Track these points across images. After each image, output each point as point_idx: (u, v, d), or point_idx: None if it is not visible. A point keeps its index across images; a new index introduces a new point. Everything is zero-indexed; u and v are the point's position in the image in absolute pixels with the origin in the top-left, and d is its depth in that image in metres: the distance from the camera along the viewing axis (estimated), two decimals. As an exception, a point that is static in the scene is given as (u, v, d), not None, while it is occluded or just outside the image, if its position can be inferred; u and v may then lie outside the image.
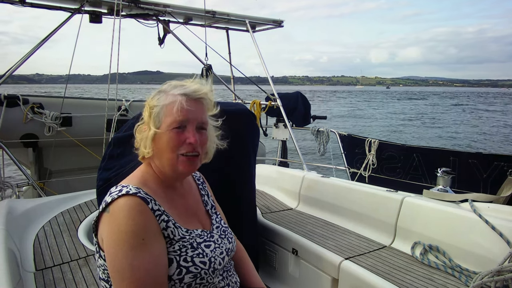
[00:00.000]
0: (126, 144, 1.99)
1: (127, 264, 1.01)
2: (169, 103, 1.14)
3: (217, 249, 1.20)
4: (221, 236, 1.28)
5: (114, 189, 1.11)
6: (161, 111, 1.14)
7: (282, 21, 5.58)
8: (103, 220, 1.08)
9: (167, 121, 1.13)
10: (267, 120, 5.96)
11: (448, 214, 1.97)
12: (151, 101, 1.19)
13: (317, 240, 2.19)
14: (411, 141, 18.10)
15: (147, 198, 1.10)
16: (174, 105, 1.13)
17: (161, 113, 1.14)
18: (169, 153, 1.14)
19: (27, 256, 2.00)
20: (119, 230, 1.03)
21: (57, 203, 2.71)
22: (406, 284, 1.69)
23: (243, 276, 1.40)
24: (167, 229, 1.10)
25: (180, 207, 1.22)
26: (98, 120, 4.40)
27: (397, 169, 5.23)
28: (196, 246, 1.15)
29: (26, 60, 3.98)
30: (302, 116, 5.58)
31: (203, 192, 1.39)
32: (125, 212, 1.04)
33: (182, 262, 1.09)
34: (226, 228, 1.34)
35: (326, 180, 2.71)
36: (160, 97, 1.17)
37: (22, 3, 3.94)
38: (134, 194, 1.08)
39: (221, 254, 1.21)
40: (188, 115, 1.14)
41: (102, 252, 1.09)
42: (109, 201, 1.07)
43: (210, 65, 5.02)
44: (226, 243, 1.27)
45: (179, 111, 1.12)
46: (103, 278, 1.13)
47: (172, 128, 1.13)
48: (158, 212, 1.10)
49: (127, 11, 4.44)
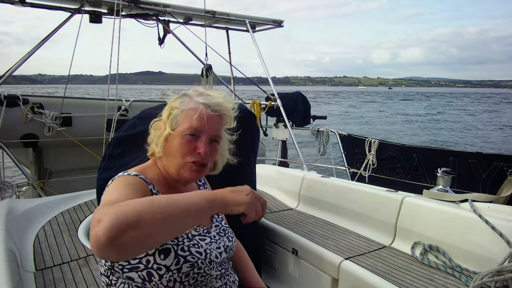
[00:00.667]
0: (126, 144, 2.00)
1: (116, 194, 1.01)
2: (190, 109, 1.16)
3: (213, 244, 1.21)
4: (219, 234, 1.28)
5: (116, 176, 1.16)
6: (180, 114, 1.16)
7: (282, 21, 5.58)
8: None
9: (183, 125, 1.15)
10: (267, 120, 5.97)
11: (448, 214, 1.96)
12: (174, 102, 1.20)
13: (317, 240, 2.19)
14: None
15: (147, 181, 1.15)
16: (194, 113, 1.15)
17: (179, 116, 1.16)
18: (177, 158, 1.16)
19: (27, 256, 2.00)
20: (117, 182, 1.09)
21: (57, 203, 2.71)
22: (406, 284, 1.69)
23: (243, 275, 1.40)
24: None
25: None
26: (98, 120, 4.40)
27: (397, 169, 5.23)
28: (191, 237, 1.16)
29: (26, 60, 3.98)
30: (302, 116, 5.58)
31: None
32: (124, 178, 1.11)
33: (180, 251, 1.10)
34: (226, 228, 1.34)
35: (326, 180, 2.71)
36: (183, 101, 1.18)
37: (22, 3, 3.94)
38: (135, 175, 1.14)
39: (217, 249, 1.21)
40: (205, 125, 1.15)
41: None
42: (109, 183, 1.12)
43: (210, 65, 5.01)
44: (225, 241, 1.28)
45: (197, 119, 1.14)
46: (104, 273, 1.13)
47: (186, 134, 1.14)
48: (157, 195, 1.14)
49: (127, 11, 4.44)
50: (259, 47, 5.12)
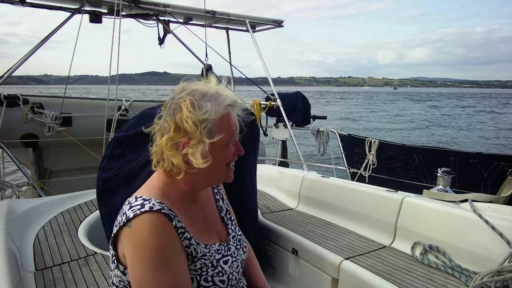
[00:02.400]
0: (126, 144, 2.00)
1: (154, 281, 0.98)
2: (221, 117, 1.08)
3: (234, 263, 1.20)
4: (237, 247, 1.27)
5: (134, 202, 1.05)
6: (214, 125, 1.07)
7: (282, 21, 5.58)
8: (124, 235, 1.02)
9: (220, 134, 1.08)
10: (267, 120, 5.96)
11: (448, 214, 1.96)
12: (196, 114, 1.06)
13: (317, 240, 2.19)
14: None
15: (171, 214, 1.05)
16: (228, 119, 1.10)
17: (213, 128, 1.07)
18: (222, 167, 1.14)
19: (27, 256, 2.00)
20: (144, 247, 0.99)
21: (57, 203, 2.71)
22: (406, 284, 1.69)
23: (249, 276, 1.40)
24: (190, 247, 1.07)
25: (199, 221, 1.20)
26: (98, 120, 4.40)
27: (397, 169, 5.23)
28: (216, 264, 1.13)
29: (26, 60, 3.99)
30: (302, 116, 5.58)
31: (218, 197, 1.37)
32: (150, 229, 1.00)
33: (203, 282, 1.08)
34: (240, 237, 1.33)
35: (326, 180, 2.71)
36: (207, 110, 1.07)
37: (22, 3, 3.94)
38: (158, 211, 1.02)
39: (237, 268, 1.20)
40: (237, 128, 1.13)
41: (121, 266, 1.06)
42: (131, 216, 1.01)
43: (210, 65, 5.01)
44: (241, 254, 1.27)
45: (234, 125, 1.12)
46: (117, 285, 1.11)
47: (228, 143, 1.12)
48: (181, 229, 1.06)
49: (127, 11, 4.44)
50: (262, 47, 5.12)
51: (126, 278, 1.06)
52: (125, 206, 1.06)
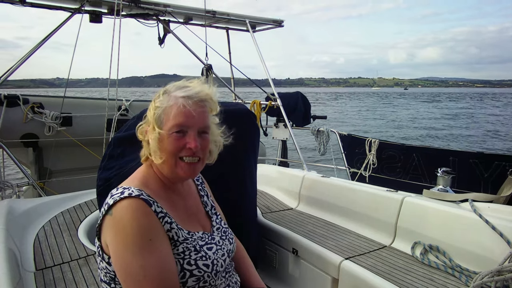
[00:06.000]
0: (126, 144, 1.99)
1: (138, 265, 0.99)
2: (170, 106, 1.11)
3: (219, 251, 1.20)
4: (222, 238, 1.27)
5: (115, 191, 1.09)
6: (163, 113, 1.12)
7: (282, 21, 5.58)
8: (106, 223, 1.05)
9: (168, 124, 1.11)
10: (267, 120, 5.96)
11: (448, 214, 1.96)
12: (155, 101, 1.16)
13: (317, 240, 2.19)
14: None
15: (150, 200, 1.08)
16: (176, 108, 1.10)
17: (162, 116, 1.12)
18: (168, 157, 1.12)
19: (27, 256, 2.00)
20: (125, 232, 1.01)
21: (57, 203, 2.71)
22: (406, 284, 1.69)
23: (243, 275, 1.40)
24: (171, 231, 1.09)
25: (181, 209, 1.21)
26: (98, 120, 4.40)
27: (397, 169, 5.23)
28: (199, 249, 1.13)
29: (25, 61, 3.98)
30: (302, 116, 5.58)
31: (202, 193, 1.38)
32: (129, 214, 1.03)
33: (186, 265, 1.08)
34: (226, 229, 1.33)
35: (326, 180, 2.71)
36: (163, 99, 1.14)
37: (22, 3, 3.94)
38: (137, 196, 1.06)
39: (222, 256, 1.20)
40: (190, 119, 1.11)
41: (106, 255, 1.07)
42: (111, 203, 1.05)
43: (210, 65, 5.02)
44: (227, 244, 1.27)
45: (180, 115, 1.10)
46: (105, 281, 1.12)
47: (172, 132, 1.11)
48: (161, 214, 1.08)
49: (127, 11, 4.44)
50: (271, 49, 5.24)
51: (111, 269, 1.07)
52: (107, 197, 1.10)
